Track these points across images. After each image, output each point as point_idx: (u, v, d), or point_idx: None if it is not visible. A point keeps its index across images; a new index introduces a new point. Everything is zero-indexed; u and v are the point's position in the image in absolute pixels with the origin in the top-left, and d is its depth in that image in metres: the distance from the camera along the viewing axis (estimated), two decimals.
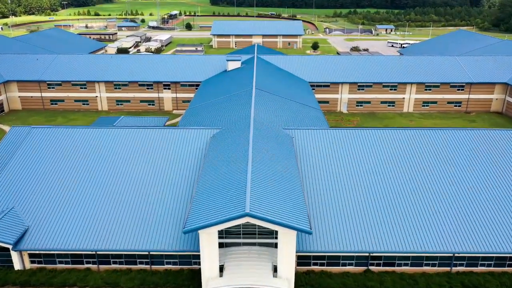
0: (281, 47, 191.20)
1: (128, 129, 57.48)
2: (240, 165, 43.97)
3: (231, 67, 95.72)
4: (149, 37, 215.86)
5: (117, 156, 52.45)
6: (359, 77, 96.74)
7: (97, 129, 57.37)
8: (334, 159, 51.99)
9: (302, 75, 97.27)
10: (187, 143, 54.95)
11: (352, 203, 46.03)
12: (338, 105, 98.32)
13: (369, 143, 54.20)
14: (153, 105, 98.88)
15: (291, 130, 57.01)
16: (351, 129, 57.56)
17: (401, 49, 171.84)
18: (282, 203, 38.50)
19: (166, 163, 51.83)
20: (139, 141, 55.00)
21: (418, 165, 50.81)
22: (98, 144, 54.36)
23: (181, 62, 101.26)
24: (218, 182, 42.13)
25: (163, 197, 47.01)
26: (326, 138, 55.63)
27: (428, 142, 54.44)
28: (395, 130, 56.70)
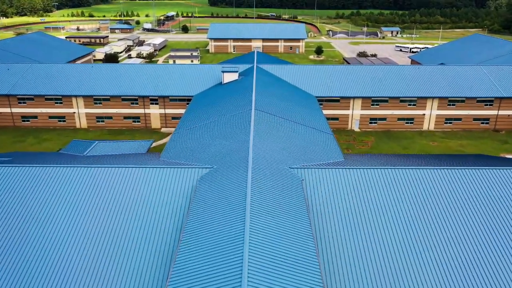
0: (282, 52, 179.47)
1: (95, 167, 45.55)
2: (234, 224, 32.22)
3: (227, 79, 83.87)
4: (143, 40, 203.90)
5: (81, 202, 40.53)
6: (373, 90, 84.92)
7: (57, 168, 45.41)
8: (354, 208, 40.20)
9: (308, 88, 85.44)
10: (170, 185, 43.07)
11: (378, 266, 34.13)
12: (349, 123, 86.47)
13: (399, 185, 42.40)
14: (139, 122, 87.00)
15: (300, 169, 45.18)
16: (374, 169, 45.61)
17: (412, 54, 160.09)
18: (290, 280, 26.69)
19: (142, 211, 39.99)
20: (109, 183, 43.11)
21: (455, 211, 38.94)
22: (57, 187, 42.47)
23: (170, 73, 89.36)
24: (205, 247, 30.35)
25: (138, 255, 35.04)
26: (343, 179, 43.79)
27: (462, 183, 42.58)
28: (428, 170, 44.88)
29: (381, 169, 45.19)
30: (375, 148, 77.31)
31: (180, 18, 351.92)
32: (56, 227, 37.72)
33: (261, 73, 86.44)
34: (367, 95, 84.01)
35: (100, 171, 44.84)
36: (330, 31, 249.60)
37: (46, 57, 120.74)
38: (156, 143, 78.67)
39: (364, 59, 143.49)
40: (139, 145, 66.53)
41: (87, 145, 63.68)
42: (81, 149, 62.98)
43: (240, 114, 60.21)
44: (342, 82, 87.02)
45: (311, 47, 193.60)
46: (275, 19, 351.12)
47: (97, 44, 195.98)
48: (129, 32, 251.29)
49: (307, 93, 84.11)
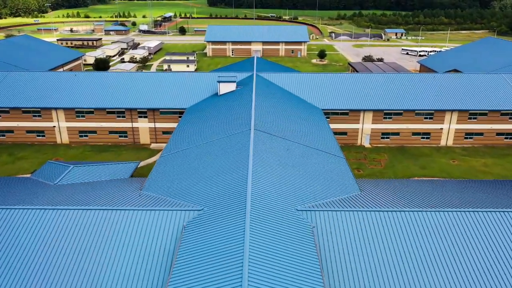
0: (283, 55, 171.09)
1: (61, 210, 37.24)
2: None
3: (224, 90, 75.50)
4: (137, 43, 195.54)
5: (43, 247, 32.40)
6: (385, 102, 76.55)
7: (14, 211, 37.17)
8: (373, 259, 32.12)
9: (313, 99, 77.10)
10: (151, 232, 34.88)
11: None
12: (358, 138, 78.09)
13: (428, 229, 34.32)
14: (126, 137, 78.60)
15: (309, 212, 36.87)
16: (398, 211, 37.20)
17: (421, 58, 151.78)
18: None
19: (117, 262, 31.92)
20: (75, 229, 34.94)
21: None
22: (17, 234, 34.38)
23: (161, 83, 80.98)
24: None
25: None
26: (362, 223, 35.63)
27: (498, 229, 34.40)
28: (458, 213, 36.72)
29: (406, 211, 36.91)
30: (389, 167, 68.94)
31: (178, 19, 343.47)
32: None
33: (261, 83, 78.07)
34: (378, 107, 75.64)
35: (67, 214, 36.61)
36: (332, 33, 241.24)
37: (30, 63, 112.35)
38: (144, 162, 70.30)
39: (370, 64, 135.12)
40: (122, 168, 58.16)
41: (62, 170, 55.29)
42: (55, 174, 54.65)
43: (238, 136, 51.82)
44: (350, 92, 78.65)
45: (313, 50, 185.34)
46: (275, 20, 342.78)
47: (90, 47, 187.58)
48: (124, 34, 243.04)
49: (312, 105, 75.74)
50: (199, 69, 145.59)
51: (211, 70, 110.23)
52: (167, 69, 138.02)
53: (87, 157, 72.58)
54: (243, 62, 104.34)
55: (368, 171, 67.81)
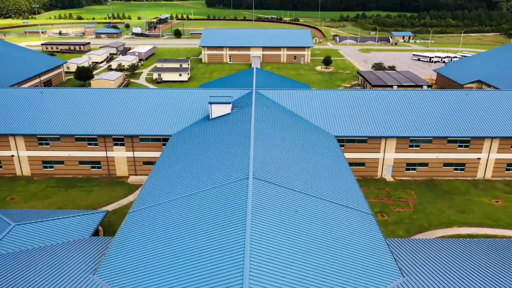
0: (285, 62, 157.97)
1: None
2: None
3: (217, 113, 62.38)
4: (128, 48, 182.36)
5: None
6: (412, 127, 63.50)
7: None
8: None
9: (325, 122, 64.07)
10: None
11: None
12: (379, 169, 65.03)
13: None
14: (99, 169, 65.48)
15: None
16: None
17: (436, 66, 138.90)
18: None
19: None
20: None
21: None
22: None
23: (141, 102, 67.90)
24: None
25: None
26: None
27: None
28: None
29: None
30: (419, 210, 55.84)
31: (174, 21, 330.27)
32: None
33: (262, 103, 65.02)
34: (403, 133, 62.54)
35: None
36: (336, 36, 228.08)
37: (2, 73, 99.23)
38: (119, 204, 57.20)
39: (382, 73, 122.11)
40: (82, 223, 45.04)
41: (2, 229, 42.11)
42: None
43: (231, 188, 38.69)
44: (369, 114, 65.58)
45: (317, 55, 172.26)
46: (276, 22, 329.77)
47: (76, 52, 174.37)
48: (117, 37, 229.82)
49: (323, 130, 62.66)
50: (193, 77, 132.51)
51: (202, 85, 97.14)
52: (157, 78, 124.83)
53: (50, 195, 59.48)
54: (240, 74, 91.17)
55: (394, 215, 54.73)
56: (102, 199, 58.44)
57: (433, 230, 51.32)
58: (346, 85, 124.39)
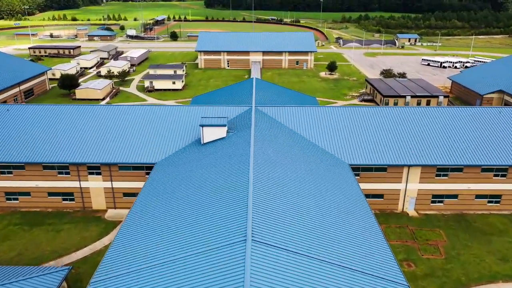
0: (287, 67, 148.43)
1: None
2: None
3: (209, 137, 52.80)
4: (120, 51, 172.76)
5: None
6: (439, 152, 53.99)
7: None
8: None
9: (335, 147, 54.54)
10: None
11: None
12: (400, 202, 55.48)
13: None
14: (72, 201, 55.89)
15: None
16: None
17: (448, 71, 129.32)
18: None
19: None
20: None
21: None
22: None
23: (122, 122, 58.33)
24: None
25: None
26: None
27: None
28: None
29: None
30: (453, 257, 46.31)
31: (172, 23, 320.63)
32: None
33: (263, 124, 55.50)
34: (430, 161, 53.00)
35: None
36: (340, 39, 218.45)
37: None
38: (92, 248, 47.65)
39: (393, 81, 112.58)
40: (38, 286, 35.55)
41: None
42: None
43: (224, 254, 29.18)
44: (388, 137, 56.05)
45: (320, 60, 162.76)
46: (276, 24, 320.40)
47: (66, 56, 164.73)
48: (110, 40, 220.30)
49: (334, 157, 53.12)
50: (187, 85, 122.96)
51: (195, 97, 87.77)
52: (148, 86, 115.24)
53: (11, 236, 49.92)
54: (238, 85, 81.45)
55: (423, 265, 45.18)
56: (71, 242, 48.84)
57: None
58: (353, 93, 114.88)
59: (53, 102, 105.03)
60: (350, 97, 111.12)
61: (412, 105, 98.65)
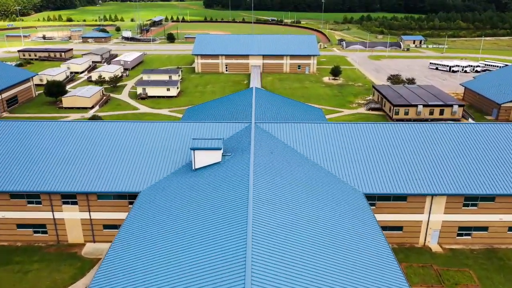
0: (288, 71, 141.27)
1: None
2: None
3: (202, 162, 45.65)
4: (114, 55, 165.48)
5: None
6: (467, 178, 46.86)
7: None
8: None
9: (347, 172, 47.43)
10: None
11: None
12: (421, 235, 48.34)
13: None
14: (45, 234, 48.71)
15: None
16: None
17: (459, 77, 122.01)
18: None
19: None
20: None
21: None
22: None
23: (101, 143, 51.11)
24: None
25: None
26: None
27: None
28: None
29: None
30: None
31: (169, 24, 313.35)
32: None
33: (263, 144, 48.41)
34: (457, 189, 45.83)
35: None
36: (343, 40, 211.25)
37: None
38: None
39: (402, 88, 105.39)
40: None
41: None
42: None
43: None
44: (407, 159, 48.90)
45: (323, 63, 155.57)
46: (277, 25, 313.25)
47: (57, 59, 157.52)
48: (105, 42, 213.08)
49: (346, 183, 45.98)
50: (183, 91, 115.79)
51: (189, 108, 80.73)
52: (141, 93, 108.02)
53: None
54: (236, 96, 74.17)
55: None
56: (40, 285, 41.65)
57: None
58: (359, 101, 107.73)
59: (38, 111, 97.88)
60: (356, 105, 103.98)
61: (424, 114, 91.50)
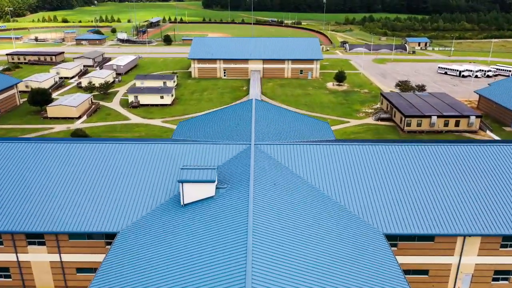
0: (289, 77, 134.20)
1: None
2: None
3: (192, 196, 38.51)
4: (108, 58, 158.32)
5: None
6: (506, 216, 39.68)
7: None
8: None
9: (362, 206, 40.32)
10: None
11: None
12: (450, 280, 41.21)
13: None
14: (8, 278, 41.56)
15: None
16: None
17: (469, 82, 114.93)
18: None
19: None
20: None
21: None
22: None
23: (74, 168, 43.91)
24: None
25: None
26: None
27: None
28: None
29: None
30: None
31: (167, 25, 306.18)
32: None
33: (265, 172, 41.38)
34: (493, 229, 38.71)
35: None
36: (345, 43, 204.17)
37: None
38: None
39: (412, 95, 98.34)
40: None
41: None
42: None
43: None
44: (434, 193, 41.74)
45: (326, 67, 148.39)
46: (277, 26, 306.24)
47: (47, 63, 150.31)
48: (99, 44, 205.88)
49: (362, 221, 38.87)
50: (178, 99, 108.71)
51: (182, 122, 73.75)
52: (133, 101, 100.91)
53: None
54: (234, 108, 66.84)
55: None
56: None
57: None
58: (366, 109, 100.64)
59: (20, 121, 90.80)
60: (363, 115, 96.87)
61: (438, 126, 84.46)
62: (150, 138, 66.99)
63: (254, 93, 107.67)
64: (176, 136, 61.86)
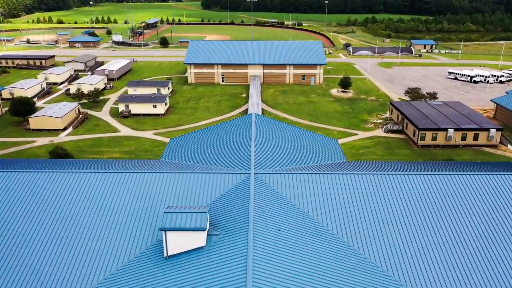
0: (291, 82, 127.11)
1: None
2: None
3: (178, 246, 31.35)
4: (101, 62, 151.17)
5: None
6: None
7: None
8: None
9: (385, 256, 33.18)
10: None
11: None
12: None
13: None
14: None
15: None
16: None
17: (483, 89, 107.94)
18: None
19: None
20: None
21: None
22: None
23: (32, 212, 36.73)
24: None
25: None
26: None
27: None
28: None
29: None
30: None
31: (165, 26, 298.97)
32: None
33: (267, 212, 34.23)
34: None
35: None
36: (349, 45, 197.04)
37: None
38: None
39: (424, 104, 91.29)
40: None
41: None
42: None
43: None
44: (470, 237, 34.65)
45: (329, 72, 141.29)
46: (277, 27, 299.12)
47: (37, 68, 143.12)
48: (93, 47, 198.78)
49: (382, 273, 31.75)
50: (173, 108, 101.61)
51: (173, 139, 66.64)
52: (124, 111, 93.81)
53: None
54: (231, 125, 59.66)
55: None
56: None
57: None
58: (375, 119, 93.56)
59: (1, 134, 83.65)
60: (372, 125, 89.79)
61: (455, 140, 77.42)
62: (135, 160, 59.81)
63: (254, 101, 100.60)
64: (166, 156, 54.89)
